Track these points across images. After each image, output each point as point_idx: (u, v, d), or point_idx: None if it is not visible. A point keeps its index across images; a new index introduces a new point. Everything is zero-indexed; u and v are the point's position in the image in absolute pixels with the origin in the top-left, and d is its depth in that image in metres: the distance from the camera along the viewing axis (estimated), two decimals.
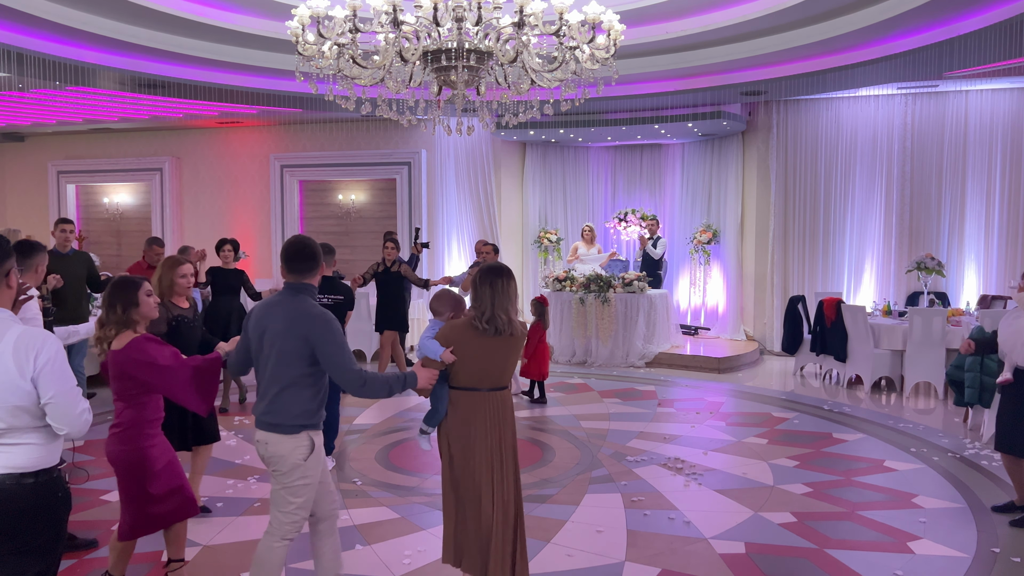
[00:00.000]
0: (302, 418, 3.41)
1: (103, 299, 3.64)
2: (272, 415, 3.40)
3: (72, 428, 2.62)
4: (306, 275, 3.50)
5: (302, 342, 3.34)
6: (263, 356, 3.44)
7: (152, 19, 7.55)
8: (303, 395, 3.40)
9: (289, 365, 3.36)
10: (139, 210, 14.73)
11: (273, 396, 3.40)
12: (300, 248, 3.50)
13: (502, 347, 3.62)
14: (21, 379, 2.51)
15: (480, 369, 3.62)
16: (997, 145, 10.62)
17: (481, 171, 12.93)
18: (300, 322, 3.36)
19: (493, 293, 3.59)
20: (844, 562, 4.44)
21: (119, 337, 3.60)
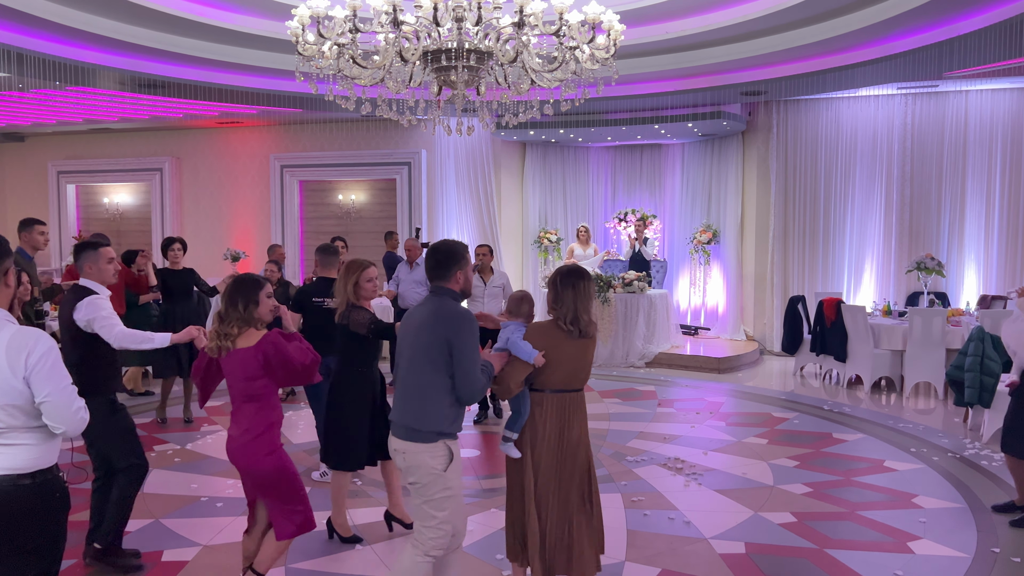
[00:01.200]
0: (440, 425, 3.32)
1: (222, 298, 3.61)
2: (410, 421, 3.33)
3: (68, 427, 2.60)
4: (444, 279, 3.45)
5: (443, 344, 3.28)
6: (403, 360, 3.41)
7: (152, 19, 7.55)
8: (443, 401, 3.32)
9: (429, 369, 3.30)
10: (139, 210, 14.73)
11: (410, 402, 3.34)
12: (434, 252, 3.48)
13: (584, 348, 3.63)
14: (14, 379, 2.50)
15: (564, 371, 3.61)
16: (997, 145, 10.62)
17: (481, 171, 12.93)
18: (442, 323, 3.30)
19: (575, 295, 3.59)
20: (844, 562, 4.44)
21: (244, 335, 3.52)
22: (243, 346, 3.49)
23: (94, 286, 4.21)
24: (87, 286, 4.20)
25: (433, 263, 3.47)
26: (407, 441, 3.34)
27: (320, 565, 4.38)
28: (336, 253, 5.87)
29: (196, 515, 5.15)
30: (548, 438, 3.60)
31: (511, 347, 3.58)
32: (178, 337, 4.15)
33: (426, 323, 3.34)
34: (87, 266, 4.24)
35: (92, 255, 4.26)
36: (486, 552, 4.58)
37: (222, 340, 3.50)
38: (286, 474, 3.57)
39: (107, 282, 4.27)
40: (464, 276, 3.47)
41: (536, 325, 3.67)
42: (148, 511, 5.16)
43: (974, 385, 6.82)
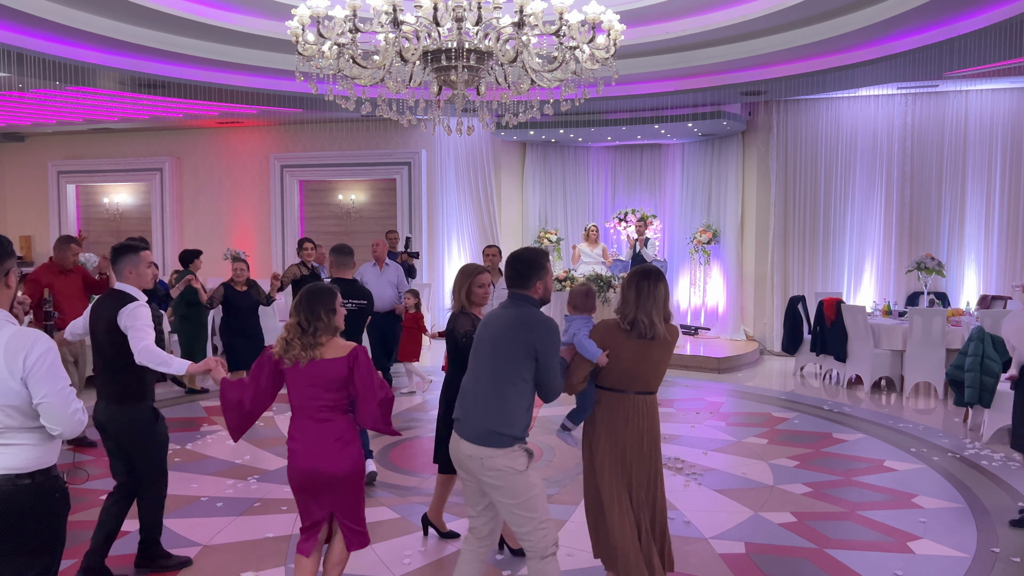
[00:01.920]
0: (517, 430, 3.31)
1: (298, 308, 3.45)
2: (489, 426, 3.29)
3: (65, 428, 2.59)
4: (525, 287, 3.44)
5: (528, 351, 3.28)
6: (479, 366, 3.40)
7: (152, 19, 7.55)
8: (522, 407, 3.32)
9: (511, 376, 3.30)
10: (139, 210, 14.73)
11: (490, 408, 3.31)
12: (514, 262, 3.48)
13: (648, 350, 3.60)
14: (12, 380, 2.50)
15: (625, 371, 3.61)
16: (997, 145, 10.62)
17: (481, 171, 12.93)
18: (527, 331, 3.30)
19: (637, 296, 3.58)
20: (844, 562, 4.44)
21: (331, 345, 3.44)
22: (331, 356, 3.42)
23: (134, 291, 4.09)
24: (127, 291, 4.08)
25: (512, 272, 3.46)
26: (483, 446, 3.29)
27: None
28: (351, 253, 5.74)
29: (196, 515, 5.16)
30: (600, 436, 3.65)
31: (576, 344, 3.58)
32: (195, 368, 4.01)
33: (509, 331, 3.34)
34: (127, 270, 4.11)
35: (133, 259, 4.14)
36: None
37: (306, 350, 3.40)
38: (362, 484, 3.54)
39: (145, 287, 4.17)
40: (544, 285, 3.47)
41: (602, 323, 3.68)
42: None
43: (974, 385, 6.82)
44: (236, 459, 6.38)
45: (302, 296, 3.48)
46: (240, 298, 7.93)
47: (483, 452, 3.29)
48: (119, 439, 4.11)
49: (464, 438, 3.36)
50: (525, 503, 3.29)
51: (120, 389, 4.06)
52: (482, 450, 3.29)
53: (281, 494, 5.51)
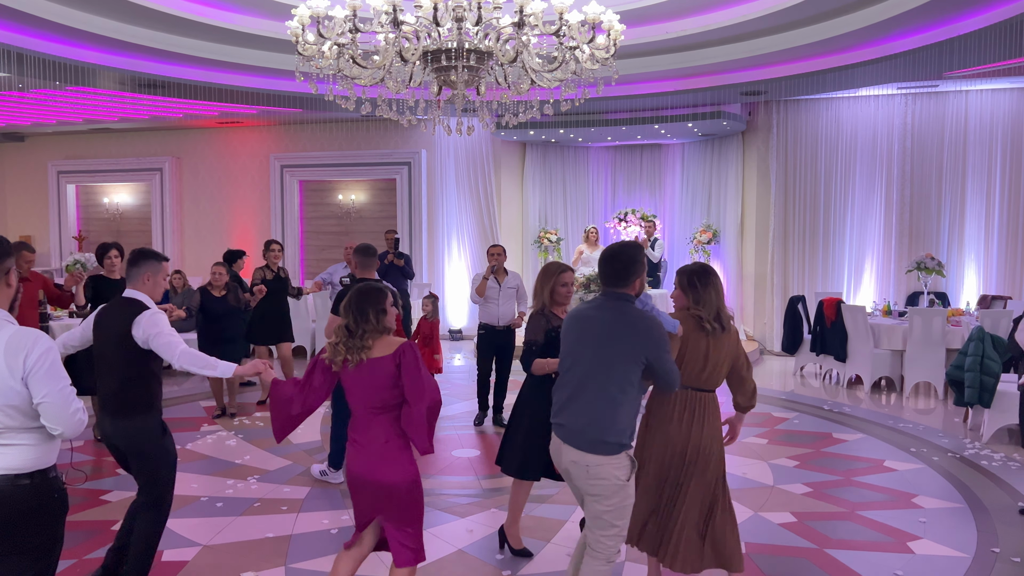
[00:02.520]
0: (624, 437, 3.23)
1: (347, 309, 3.35)
2: (595, 433, 3.20)
3: (66, 428, 2.59)
4: (625, 284, 3.33)
5: (639, 354, 3.18)
6: (580, 370, 3.29)
7: (152, 19, 7.55)
8: (631, 413, 3.23)
9: (618, 381, 3.19)
10: (139, 210, 14.73)
11: (596, 413, 3.21)
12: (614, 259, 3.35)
13: (718, 346, 3.63)
14: (13, 379, 2.50)
15: (695, 367, 3.63)
16: (997, 145, 10.63)
17: (481, 171, 12.93)
18: (635, 333, 3.20)
19: (717, 293, 3.63)
20: (844, 562, 4.44)
21: (379, 344, 3.33)
22: (379, 355, 3.31)
23: (145, 299, 3.88)
24: (138, 298, 3.86)
25: (611, 270, 3.34)
26: (590, 453, 3.21)
27: (320, 565, 4.38)
28: (375, 254, 5.60)
29: (196, 515, 5.16)
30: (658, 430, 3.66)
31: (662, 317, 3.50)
32: (243, 370, 3.80)
33: (613, 335, 3.23)
34: (146, 276, 3.89)
35: (155, 266, 3.93)
36: (486, 552, 4.58)
37: (353, 353, 3.30)
38: (418, 491, 3.37)
39: (156, 299, 3.96)
40: (641, 281, 3.40)
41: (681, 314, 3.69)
42: None
43: (974, 385, 6.82)
44: (236, 459, 6.38)
45: (352, 296, 3.37)
46: (217, 304, 7.53)
47: (589, 459, 3.21)
48: (126, 454, 3.91)
49: (568, 443, 3.27)
50: (618, 511, 3.25)
51: (127, 402, 3.83)
52: (588, 457, 3.21)
53: (281, 494, 5.51)
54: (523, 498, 4.50)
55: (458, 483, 5.74)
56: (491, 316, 7.30)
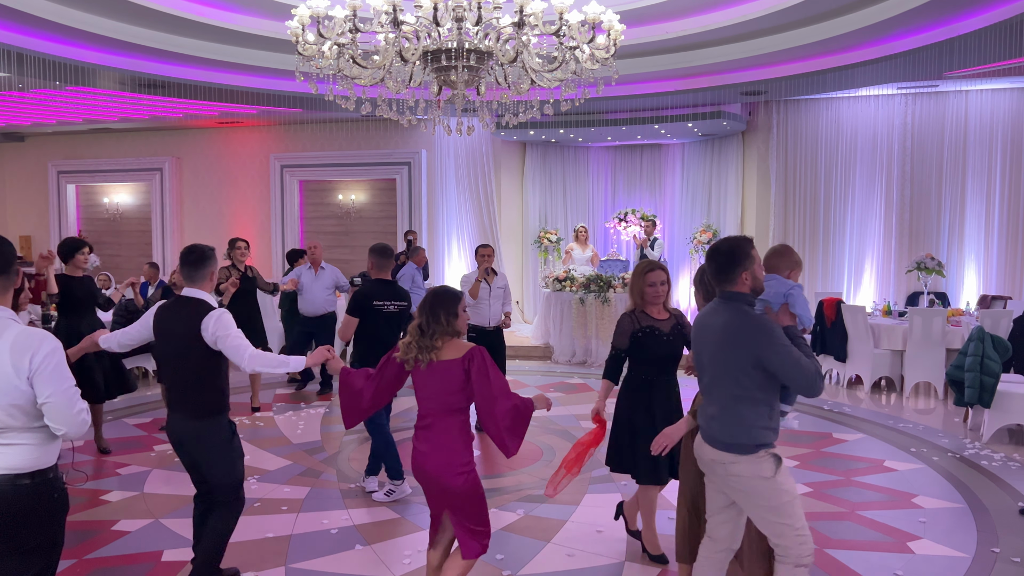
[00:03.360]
0: (759, 437, 3.13)
1: (421, 310, 3.41)
2: (726, 434, 3.16)
3: (70, 428, 2.60)
4: (731, 282, 3.21)
5: (752, 361, 3.08)
6: (706, 373, 3.27)
7: (152, 19, 7.55)
8: (761, 414, 3.13)
9: (741, 384, 3.12)
10: (139, 210, 14.74)
11: (725, 416, 3.16)
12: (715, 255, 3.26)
13: None
14: (18, 379, 2.51)
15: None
16: (997, 145, 10.63)
17: (481, 171, 12.93)
18: (743, 341, 3.10)
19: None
20: (844, 562, 4.44)
21: (449, 346, 3.41)
22: (448, 358, 3.38)
23: (209, 297, 3.84)
24: (203, 297, 3.82)
25: (714, 267, 3.23)
26: (727, 452, 3.17)
27: (320, 565, 4.38)
28: (392, 255, 5.49)
29: None
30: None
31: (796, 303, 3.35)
32: (314, 359, 3.77)
33: (724, 342, 3.16)
34: (211, 274, 3.88)
35: (214, 264, 3.90)
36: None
37: (424, 352, 3.38)
38: (479, 492, 3.44)
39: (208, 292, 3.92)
40: (751, 275, 3.21)
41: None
42: (148, 511, 5.16)
43: (974, 385, 6.82)
44: None
45: (427, 298, 3.44)
46: None
47: (726, 457, 3.17)
48: (195, 455, 3.86)
49: (707, 442, 3.26)
50: (777, 509, 3.15)
51: (197, 404, 3.78)
52: (724, 455, 3.18)
53: (281, 494, 5.51)
54: (655, 502, 4.46)
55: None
56: (482, 318, 7.20)
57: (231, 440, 3.87)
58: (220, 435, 3.82)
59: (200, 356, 3.74)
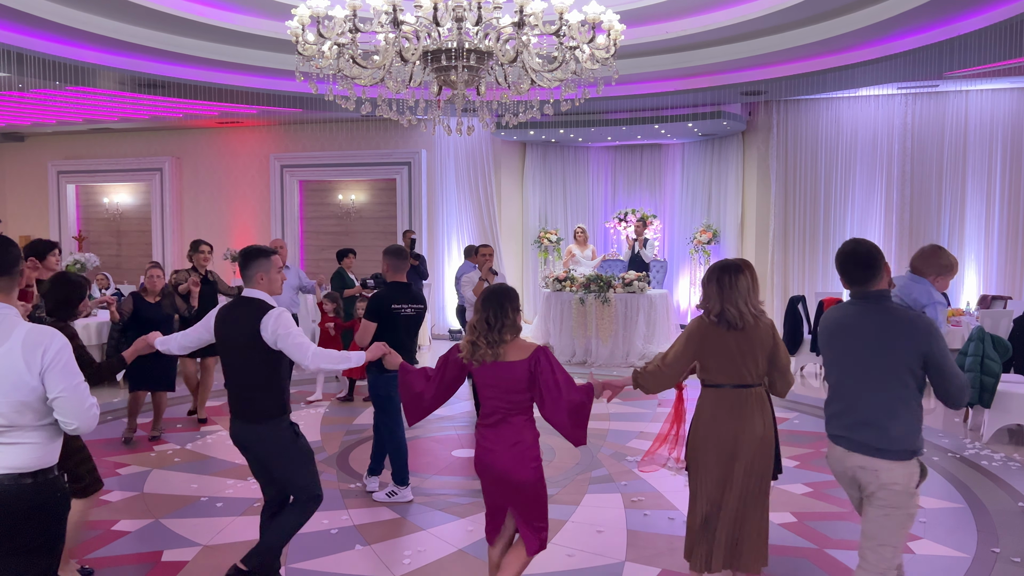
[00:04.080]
0: (911, 442, 3.07)
1: (486, 305, 3.40)
2: (884, 439, 3.07)
3: (81, 423, 2.63)
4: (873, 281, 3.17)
5: (915, 358, 3.02)
6: (851, 376, 3.18)
7: (152, 19, 7.55)
8: (914, 417, 3.08)
9: (895, 386, 3.05)
10: (139, 210, 14.74)
11: (877, 420, 3.08)
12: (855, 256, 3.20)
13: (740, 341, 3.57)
14: (29, 375, 2.53)
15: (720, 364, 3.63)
16: (997, 145, 10.63)
17: (481, 171, 12.94)
18: (908, 336, 3.03)
19: (720, 289, 3.57)
20: (844, 562, 4.44)
21: (513, 346, 3.40)
22: (513, 359, 3.38)
23: (268, 298, 3.76)
24: (262, 298, 3.75)
25: (855, 268, 3.19)
26: (877, 459, 3.09)
27: (320, 565, 4.38)
28: (407, 256, 5.39)
29: (196, 515, 5.15)
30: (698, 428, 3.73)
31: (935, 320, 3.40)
32: (372, 354, 3.77)
33: (886, 338, 3.07)
34: (259, 275, 3.77)
35: (265, 263, 3.78)
36: (486, 552, 4.58)
37: (492, 348, 3.37)
38: (544, 487, 3.49)
39: (275, 293, 3.84)
40: (888, 274, 3.24)
41: (692, 321, 3.71)
42: (148, 511, 5.16)
43: (974, 385, 6.82)
44: (236, 459, 6.37)
45: (490, 294, 3.44)
46: (151, 310, 6.87)
47: (879, 464, 3.09)
48: (264, 460, 3.81)
49: (847, 448, 3.19)
50: (901, 522, 3.12)
51: (257, 406, 3.72)
52: (878, 462, 3.09)
53: None
54: None
55: (458, 483, 5.74)
56: None
57: (296, 441, 3.80)
58: (284, 437, 3.74)
59: (260, 357, 3.66)
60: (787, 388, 3.76)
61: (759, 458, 3.63)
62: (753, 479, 3.63)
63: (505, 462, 3.40)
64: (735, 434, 3.61)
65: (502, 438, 3.41)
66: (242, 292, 3.84)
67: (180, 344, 3.94)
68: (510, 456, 3.40)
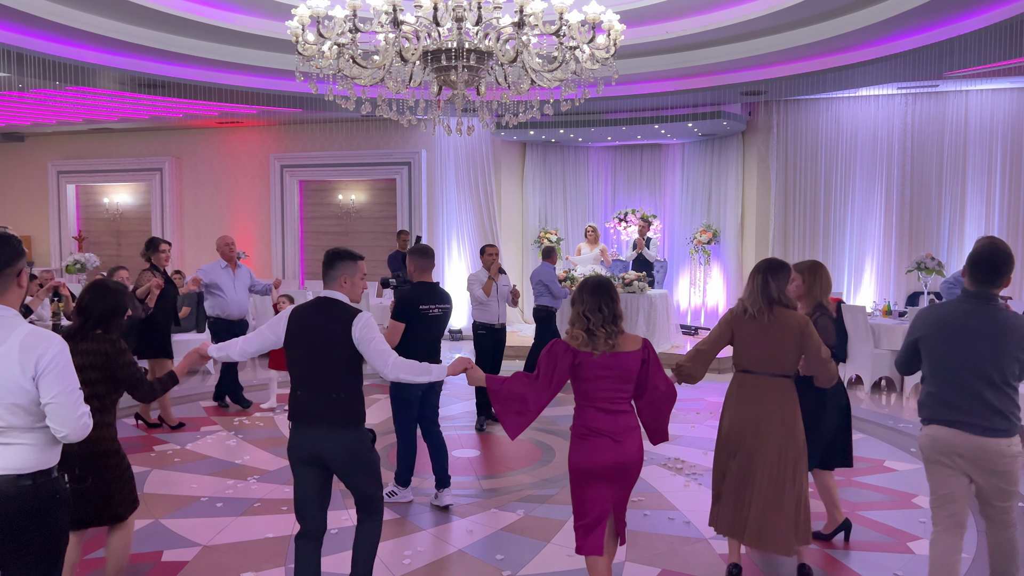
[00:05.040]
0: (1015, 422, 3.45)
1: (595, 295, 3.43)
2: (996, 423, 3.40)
3: (71, 431, 2.59)
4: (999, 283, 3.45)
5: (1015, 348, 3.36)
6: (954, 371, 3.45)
7: (152, 19, 7.55)
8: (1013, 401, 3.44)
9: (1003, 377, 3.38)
10: (139, 210, 14.74)
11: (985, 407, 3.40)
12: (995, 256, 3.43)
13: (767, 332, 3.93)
14: (23, 378, 2.51)
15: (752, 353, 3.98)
16: (997, 145, 10.63)
17: (481, 171, 12.94)
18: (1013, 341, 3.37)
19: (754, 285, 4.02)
20: (844, 562, 4.44)
21: (624, 338, 3.46)
22: (627, 349, 3.45)
23: (347, 301, 3.65)
24: (342, 299, 3.63)
25: (992, 269, 3.41)
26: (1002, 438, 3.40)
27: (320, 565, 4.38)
28: (433, 256, 5.34)
29: (196, 515, 5.15)
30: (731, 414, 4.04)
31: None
32: (454, 369, 3.68)
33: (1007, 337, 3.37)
34: (344, 278, 3.64)
35: (352, 267, 3.67)
36: (486, 552, 4.58)
37: (611, 338, 3.40)
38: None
39: (356, 300, 3.71)
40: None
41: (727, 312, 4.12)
42: (148, 511, 5.15)
43: None
44: (236, 459, 6.38)
45: (598, 285, 3.48)
46: None
47: (1001, 443, 3.40)
48: (341, 470, 3.60)
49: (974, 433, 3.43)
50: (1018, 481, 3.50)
51: (341, 413, 3.52)
52: (1000, 441, 3.40)
53: (281, 494, 5.51)
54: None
55: (458, 483, 5.74)
56: (491, 316, 7.32)
57: (373, 450, 3.70)
58: (365, 445, 3.62)
59: (347, 360, 3.53)
60: (830, 379, 4.11)
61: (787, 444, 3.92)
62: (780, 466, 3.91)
63: (634, 450, 3.48)
64: (756, 418, 3.92)
65: (618, 427, 3.44)
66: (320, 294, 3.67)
67: (242, 350, 3.75)
68: (635, 444, 3.48)
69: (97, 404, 3.46)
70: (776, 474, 3.89)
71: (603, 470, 3.43)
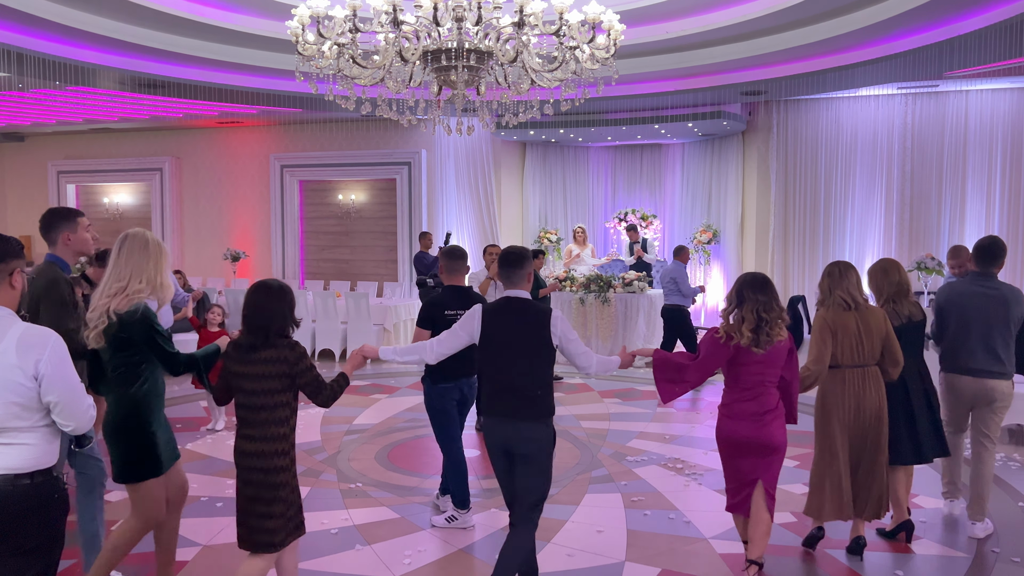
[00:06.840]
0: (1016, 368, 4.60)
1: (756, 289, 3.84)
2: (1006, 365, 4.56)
3: (78, 423, 2.62)
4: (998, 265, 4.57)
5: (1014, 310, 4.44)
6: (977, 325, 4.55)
7: (152, 19, 7.55)
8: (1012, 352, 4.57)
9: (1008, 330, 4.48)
10: (139, 210, 14.74)
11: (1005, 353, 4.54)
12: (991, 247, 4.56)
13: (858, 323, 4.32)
14: (23, 376, 2.50)
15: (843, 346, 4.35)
16: (997, 145, 10.63)
17: (481, 171, 12.94)
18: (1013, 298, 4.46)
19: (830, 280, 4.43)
20: (844, 562, 4.44)
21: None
22: (780, 338, 3.87)
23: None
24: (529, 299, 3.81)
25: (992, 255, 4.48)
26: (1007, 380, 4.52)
27: (320, 565, 4.38)
28: (464, 258, 5.06)
29: (196, 515, 5.15)
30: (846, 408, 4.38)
31: None
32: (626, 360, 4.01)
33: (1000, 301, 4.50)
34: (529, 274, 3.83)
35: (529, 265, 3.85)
36: (486, 552, 4.58)
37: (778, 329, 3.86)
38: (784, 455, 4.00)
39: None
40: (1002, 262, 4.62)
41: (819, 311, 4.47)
42: None
43: None
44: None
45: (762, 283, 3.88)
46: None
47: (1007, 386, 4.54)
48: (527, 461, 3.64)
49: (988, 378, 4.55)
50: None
51: (538, 405, 3.64)
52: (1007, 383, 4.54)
53: None
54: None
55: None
56: None
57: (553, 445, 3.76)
58: (551, 438, 3.70)
59: (548, 356, 3.71)
60: (897, 371, 4.41)
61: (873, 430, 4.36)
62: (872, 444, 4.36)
63: (772, 429, 3.86)
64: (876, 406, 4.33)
65: (767, 408, 3.86)
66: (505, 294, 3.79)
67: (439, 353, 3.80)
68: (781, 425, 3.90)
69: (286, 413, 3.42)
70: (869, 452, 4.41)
71: (744, 445, 3.89)
